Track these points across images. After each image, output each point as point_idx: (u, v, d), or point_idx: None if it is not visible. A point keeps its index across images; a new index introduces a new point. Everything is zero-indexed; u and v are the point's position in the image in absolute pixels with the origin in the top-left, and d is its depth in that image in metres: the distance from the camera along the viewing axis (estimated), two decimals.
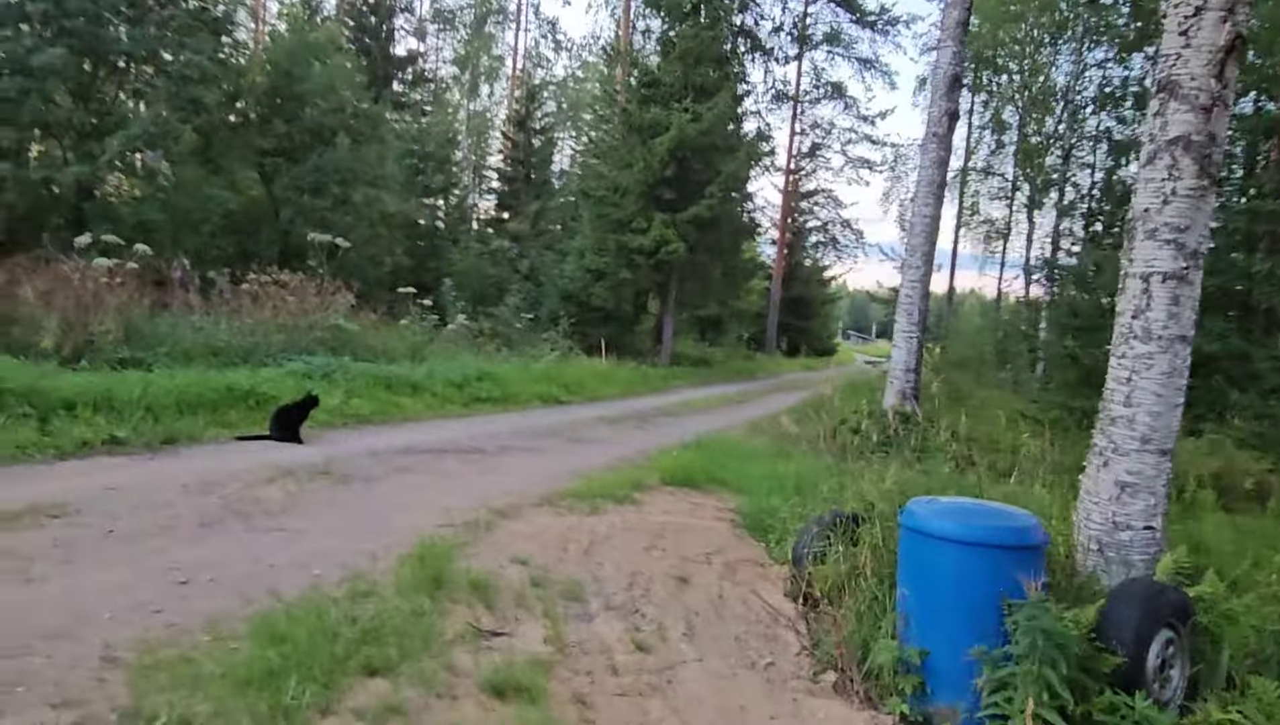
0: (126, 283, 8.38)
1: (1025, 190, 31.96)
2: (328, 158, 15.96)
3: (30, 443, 5.46)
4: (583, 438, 9.23)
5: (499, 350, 14.42)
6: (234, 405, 7.34)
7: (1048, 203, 30.86)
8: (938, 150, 11.63)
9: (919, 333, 11.82)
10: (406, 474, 6.32)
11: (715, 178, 18.72)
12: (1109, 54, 28.51)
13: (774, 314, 34.27)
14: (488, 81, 50.91)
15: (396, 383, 9.69)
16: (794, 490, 7.08)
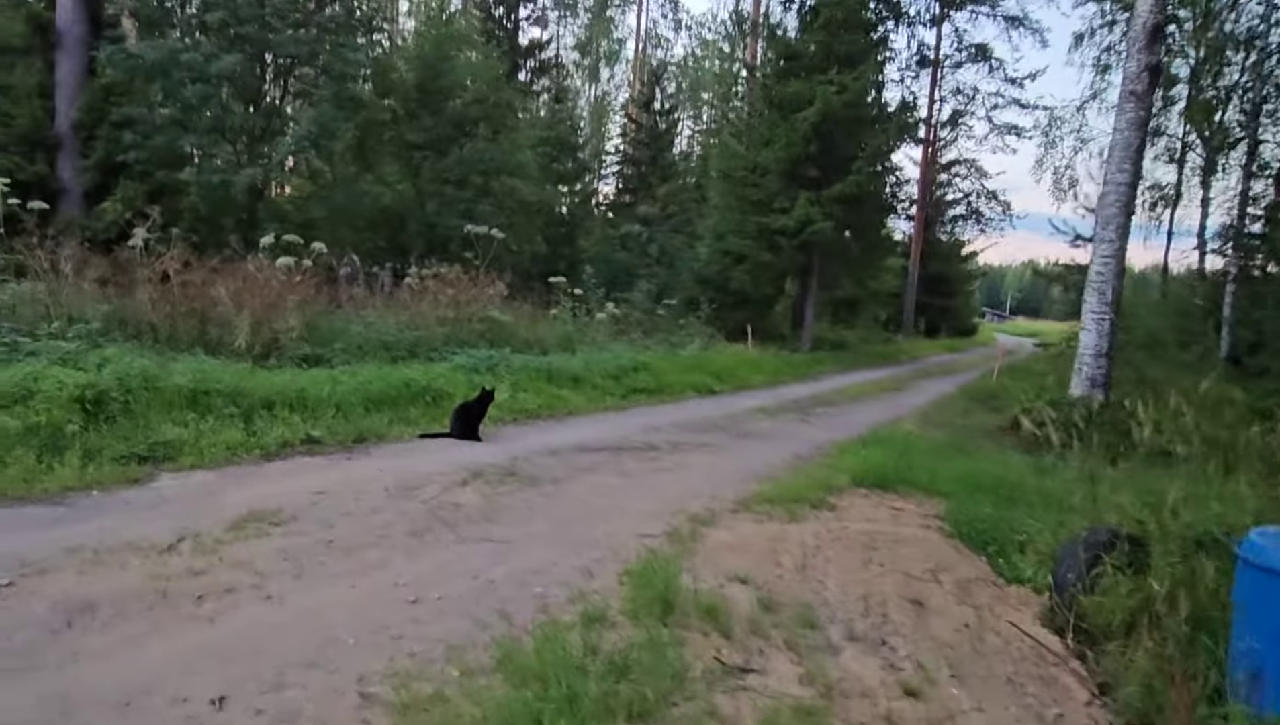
0: (305, 281, 8.59)
1: (1199, 151, 29.03)
2: (470, 149, 16.15)
3: (238, 443, 5.57)
4: (748, 432, 8.85)
5: (643, 339, 14.20)
6: (412, 402, 7.38)
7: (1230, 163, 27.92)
8: (1136, 110, 10.47)
9: (1112, 314, 10.74)
10: (590, 475, 6.13)
11: (861, 151, 17.79)
12: None
13: (911, 293, 32.72)
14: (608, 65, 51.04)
15: (557, 375, 9.60)
16: (998, 493, 6.54)
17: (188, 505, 4.46)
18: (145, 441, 5.18)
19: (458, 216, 15.80)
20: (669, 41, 50.63)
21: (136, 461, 5.01)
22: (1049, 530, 5.32)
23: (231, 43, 11.42)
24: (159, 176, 11.75)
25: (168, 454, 5.20)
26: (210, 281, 7.60)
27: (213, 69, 11.00)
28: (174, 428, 5.41)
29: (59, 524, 4.03)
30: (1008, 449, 9.69)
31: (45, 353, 5.79)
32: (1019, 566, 4.99)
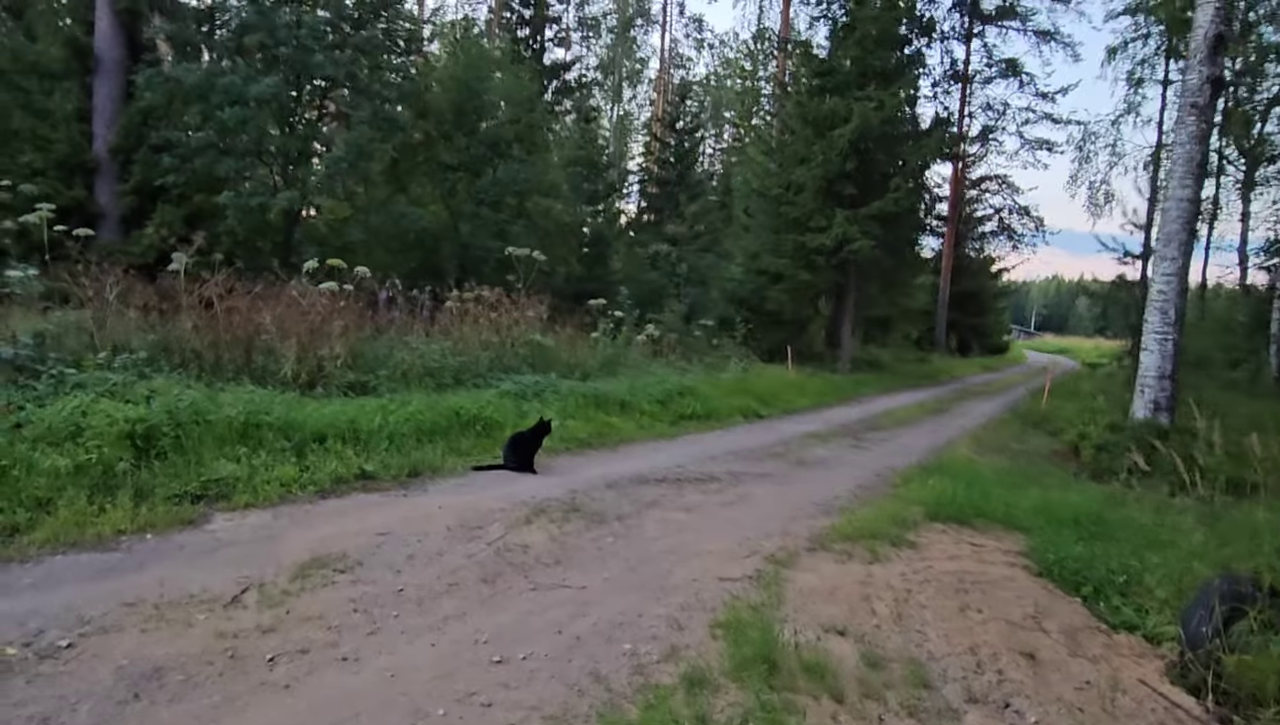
0: (348, 306, 8.39)
1: (1239, 164, 28.44)
2: (504, 170, 16.02)
3: (292, 480, 5.32)
4: (804, 460, 8.50)
5: (680, 361, 13.90)
6: (463, 432, 7.12)
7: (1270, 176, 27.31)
8: (1198, 123, 10.10)
9: (1175, 334, 10.31)
10: (655, 510, 5.81)
11: (899, 168, 17.48)
12: None
13: (943, 311, 32.25)
14: (630, 85, 51.20)
15: (604, 401, 9.32)
16: (1080, 527, 6.17)
17: (247, 550, 4.20)
18: (198, 479, 4.94)
19: (492, 237, 15.67)
20: (691, 61, 50.66)
21: (190, 501, 4.77)
22: (1153, 571, 4.96)
23: (269, 65, 11.35)
24: (196, 200, 11.67)
25: (221, 492, 4.95)
26: (255, 308, 7.39)
27: (251, 91, 10.91)
28: (226, 464, 5.17)
29: (115, 573, 3.77)
30: (1072, 476, 9.30)
31: (92, 385, 5.58)
32: (1123, 611, 4.63)
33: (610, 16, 47.83)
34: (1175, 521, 6.71)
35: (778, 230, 18.66)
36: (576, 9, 44.64)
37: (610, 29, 48.24)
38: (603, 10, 47.50)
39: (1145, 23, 32.75)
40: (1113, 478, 9.40)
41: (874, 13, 17.11)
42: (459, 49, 16.93)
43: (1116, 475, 9.47)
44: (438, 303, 10.77)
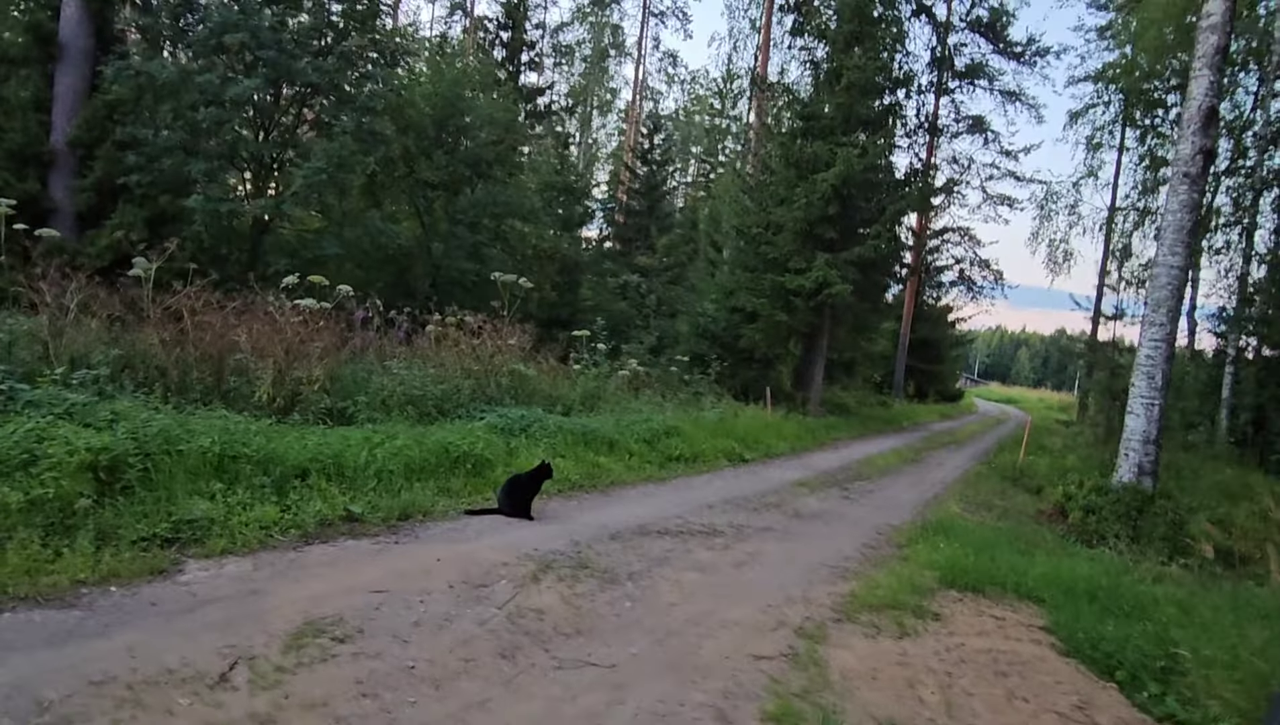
0: (327, 326, 7.83)
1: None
2: (484, 191, 15.60)
3: (273, 522, 4.77)
4: (800, 512, 8.17)
5: (656, 397, 13.54)
6: (453, 470, 6.61)
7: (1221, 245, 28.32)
8: (1189, 192, 10.21)
9: (1162, 399, 10.32)
10: (666, 568, 5.39)
11: (879, 216, 17.53)
12: None
13: (902, 357, 32.52)
14: (600, 114, 51.25)
15: (593, 439, 8.88)
16: (1096, 600, 5.98)
17: (229, 610, 3.66)
18: (168, 519, 4.37)
19: (467, 259, 15.19)
20: (661, 95, 50.88)
21: (159, 545, 4.20)
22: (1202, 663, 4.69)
23: (249, 67, 10.78)
24: (161, 202, 10.95)
25: (194, 535, 4.38)
26: (229, 323, 6.81)
27: (229, 92, 10.33)
28: (200, 502, 4.61)
29: (75, 638, 3.21)
30: (1062, 538, 9.15)
31: (48, 403, 4.96)
32: (1167, 703, 4.36)
33: (585, 45, 47.91)
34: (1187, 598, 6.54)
35: (754, 268, 18.50)
36: (551, 35, 44.57)
37: (584, 58, 48.30)
38: (577, 39, 47.59)
39: (1105, 91, 34.04)
40: (1102, 542, 9.30)
41: (860, 62, 17.20)
42: (442, 65, 16.53)
43: (1105, 540, 9.38)
44: (416, 325, 10.23)
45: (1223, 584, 7.82)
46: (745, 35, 40.08)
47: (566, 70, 48.46)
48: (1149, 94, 31.76)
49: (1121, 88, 32.37)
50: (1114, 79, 32.43)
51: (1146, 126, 33.01)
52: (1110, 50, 33.93)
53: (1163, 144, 32.65)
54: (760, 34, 34.97)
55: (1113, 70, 32.72)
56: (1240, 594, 6.90)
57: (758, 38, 38.10)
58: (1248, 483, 13.79)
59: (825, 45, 18.88)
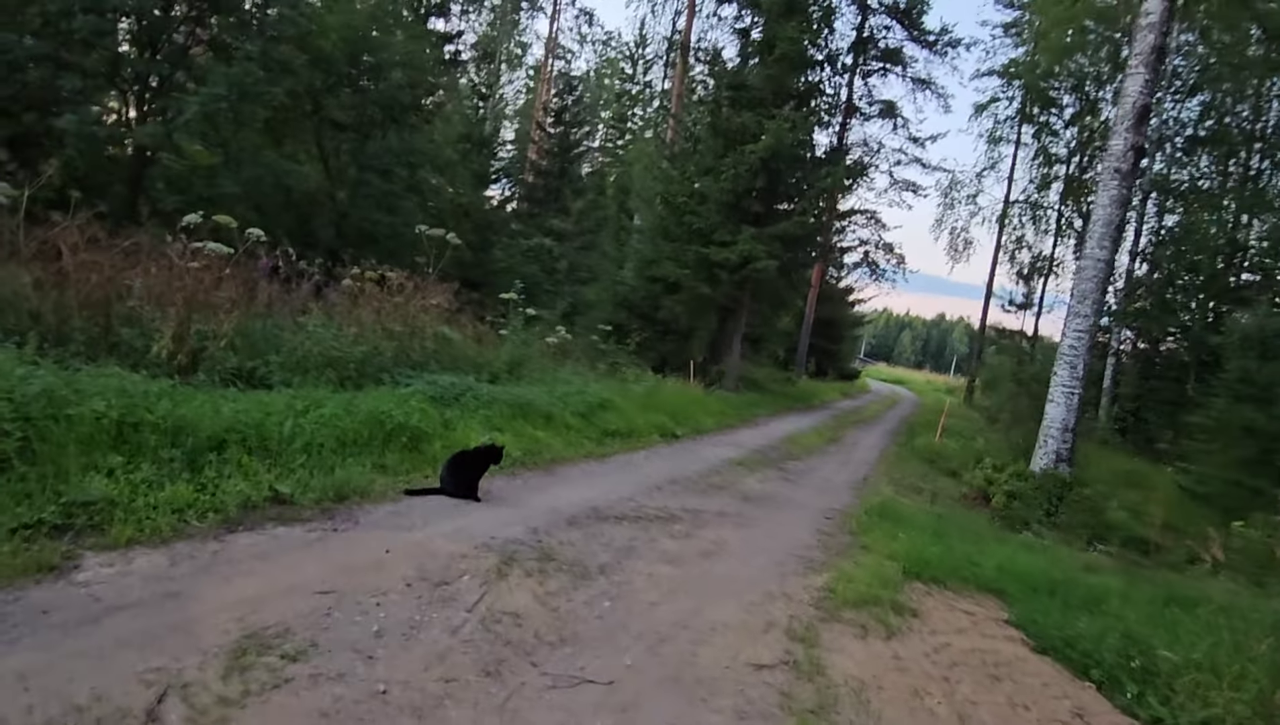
0: (235, 274, 6.89)
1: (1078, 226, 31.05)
2: (397, 137, 14.46)
3: (186, 503, 4.01)
4: (748, 495, 7.87)
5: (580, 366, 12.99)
6: (387, 444, 5.89)
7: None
8: (1119, 188, 10.43)
9: (1081, 389, 10.59)
10: (634, 560, 4.93)
11: (805, 192, 17.43)
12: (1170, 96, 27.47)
13: (806, 335, 33.02)
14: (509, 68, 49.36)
15: (528, 412, 8.28)
16: (1054, 593, 5.99)
17: (146, 619, 2.95)
18: (57, 501, 3.56)
19: (378, 210, 14.08)
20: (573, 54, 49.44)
21: (48, 534, 3.40)
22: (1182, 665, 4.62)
23: None
24: (26, 120, 9.45)
25: (92, 521, 3.59)
26: (117, 266, 5.81)
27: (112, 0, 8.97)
28: (97, 479, 3.80)
29: None
30: (990, 524, 9.26)
31: None
32: (1149, 703, 4.28)
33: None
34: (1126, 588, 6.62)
35: (677, 238, 18.11)
36: None
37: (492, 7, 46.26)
38: None
39: (1008, 87, 35.30)
40: (1025, 527, 9.48)
41: (794, 33, 16.92)
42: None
43: (1029, 525, 9.57)
44: (331, 279, 9.28)
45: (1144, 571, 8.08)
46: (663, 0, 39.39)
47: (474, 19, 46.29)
48: (1045, 92, 33.18)
49: (1023, 84, 33.64)
50: (1016, 75, 33.66)
51: (1042, 124, 34.54)
52: (1014, 47, 35.20)
53: (1055, 141, 34.31)
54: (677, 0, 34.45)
55: (1016, 67, 33.94)
56: (1174, 585, 7.08)
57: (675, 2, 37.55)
58: (1138, 470, 14.59)
59: (755, 14, 18.51)
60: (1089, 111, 32.14)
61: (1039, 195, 33.78)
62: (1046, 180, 33.59)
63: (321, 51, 12.43)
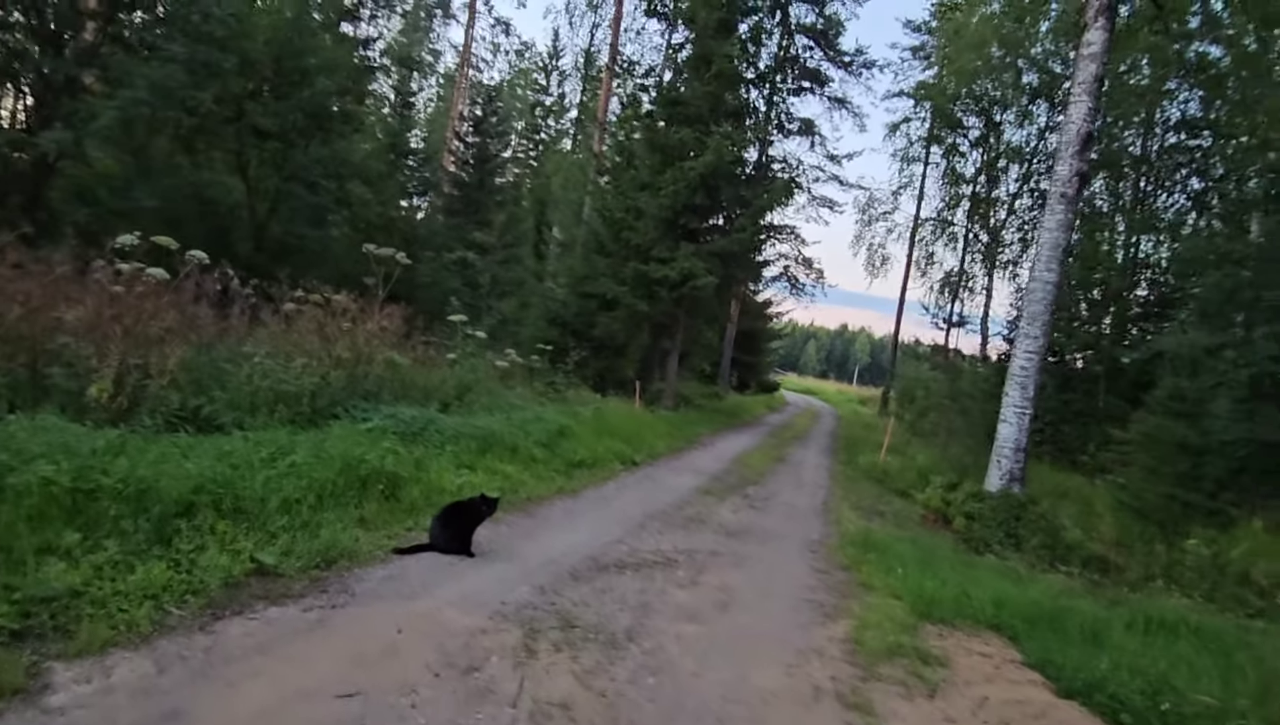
0: (173, 301, 6.16)
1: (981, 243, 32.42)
2: (325, 147, 13.65)
3: (163, 586, 3.41)
4: (728, 528, 7.58)
5: (524, 387, 12.49)
6: (364, 492, 5.32)
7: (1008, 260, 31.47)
8: (1065, 212, 10.72)
9: (1032, 409, 10.81)
10: (655, 618, 4.56)
11: (743, 208, 17.43)
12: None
13: (729, 348, 33.23)
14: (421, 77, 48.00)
15: (493, 444, 7.78)
16: (1053, 626, 5.97)
17: None
18: (9, 600, 2.93)
19: (306, 223, 13.23)
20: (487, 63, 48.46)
21: (5, 642, 2.77)
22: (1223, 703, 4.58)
23: None
24: None
25: (55, 622, 2.97)
26: (51, 296, 5.05)
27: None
28: (55, 566, 3.17)
29: None
30: (955, 548, 9.27)
31: None
32: None
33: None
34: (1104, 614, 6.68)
35: (613, 254, 17.80)
36: None
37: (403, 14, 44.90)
38: None
39: (918, 108, 36.61)
40: (988, 549, 9.55)
41: (731, 51, 16.92)
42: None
43: (991, 547, 9.64)
44: (269, 300, 8.52)
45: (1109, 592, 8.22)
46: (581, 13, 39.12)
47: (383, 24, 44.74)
48: (952, 114, 34.56)
49: (931, 106, 34.93)
50: (926, 97, 34.93)
51: (950, 145, 35.97)
52: (922, 70, 36.56)
53: (963, 161, 35.78)
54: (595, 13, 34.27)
55: (924, 89, 35.22)
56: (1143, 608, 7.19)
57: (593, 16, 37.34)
58: (1067, 484, 15.10)
59: (689, 30, 18.44)
60: (993, 133, 33.71)
61: (948, 213, 35.18)
62: (955, 199, 35.03)
63: (248, 55, 11.56)
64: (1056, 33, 26.40)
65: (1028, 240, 32.62)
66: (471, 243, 25.28)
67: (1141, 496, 11.51)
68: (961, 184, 34.93)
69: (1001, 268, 31.91)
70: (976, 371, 20.11)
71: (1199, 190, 27.81)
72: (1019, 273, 32.53)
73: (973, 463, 13.95)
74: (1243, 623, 7.55)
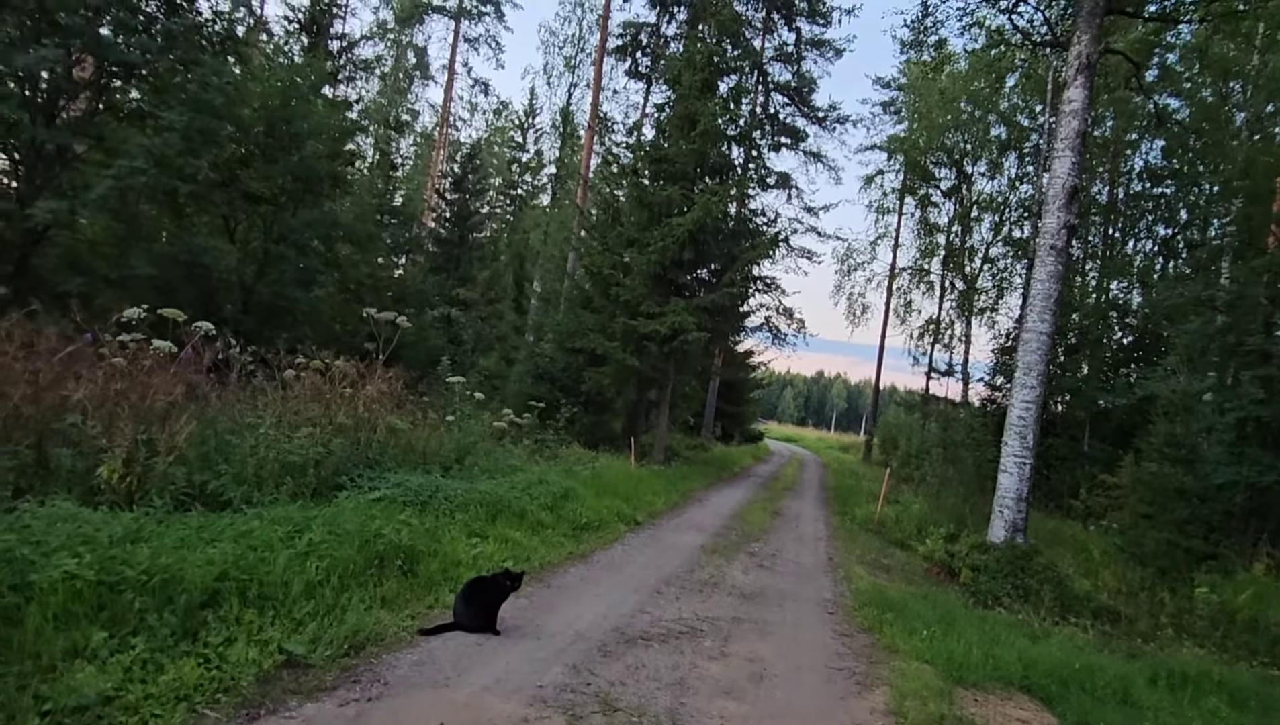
0: (177, 373, 6.02)
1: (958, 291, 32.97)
2: (314, 210, 13.62)
3: (194, 685, 3.24)
4: (742, 591, 7.45)
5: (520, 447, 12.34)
6: (383, 570, 5.16)
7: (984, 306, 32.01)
8: (1055, 263, 10.92)
9: (1033, 459, 10.83)
10: (695, 697, 4.41)
11: (731, 263, 17.60)
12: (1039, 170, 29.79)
13: (713, 399, 33.24)
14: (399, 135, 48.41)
15: (502, 510, 7.62)
16: (1084, 688, 5.92)
17: None
18: (37, 710, 2.75)
19: (296, 286, 13.12)
20: (464, 122, 49.02)
21: None
22: None
23: (47, 31, 8.41)
24: None
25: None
26: (60, 375, 4.90)
27: (17, 62, 7.95)
28: (84, 670, 2.99)
29: None
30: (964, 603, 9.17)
31: None
32: None
33: (385, 61, 45.11)
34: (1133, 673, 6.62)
35: (600, 310, 17.85)
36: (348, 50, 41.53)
37: (382, 75, 45.47)
38: (377, 54, 44.67)
39: (891, 161, 37.49)
40: (996, 603, 9.45)
41: (715, 109, 17.27)
42: (270, 62, 14.38)
43: (1000, 600, 9.55)
44: (265, 366, 8.36)
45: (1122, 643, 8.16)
46: (559, 73, 39.84)
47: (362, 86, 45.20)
48: (924, 166, 35.43)
49: (904, 159, 35.79)
50: (898, 150, 35.81)
51: (923, 196, 36.78)
52: (893, 124, 37.53)
53: (936, 211, 36.57)
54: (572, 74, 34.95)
55: (896, 142, 36.13)
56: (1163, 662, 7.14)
57: (570, 76, 38.06)
58: (1060, 530, 15.12)
59: (671, 91, 18.81)
60: (965, 184, 34.54)
61: (924, 262, 35.81)
62: (931, 248, 35.69)
63: (241, 121, 11.57)
64: (1024, 89, 27.27)
65: (1003, 288, 33.38)
66: (454, 299, 25.31)
67: (1140, 543, 11.52)
68: (936, 233, 35.67)
69: (978, 314, 32.52)
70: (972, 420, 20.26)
71: (1166, 236, 28.64)
72: (995, 320, 33.18)
73: (969, 512, 13.93)
74: (1263, 673, 7.52)
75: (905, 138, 35.45)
